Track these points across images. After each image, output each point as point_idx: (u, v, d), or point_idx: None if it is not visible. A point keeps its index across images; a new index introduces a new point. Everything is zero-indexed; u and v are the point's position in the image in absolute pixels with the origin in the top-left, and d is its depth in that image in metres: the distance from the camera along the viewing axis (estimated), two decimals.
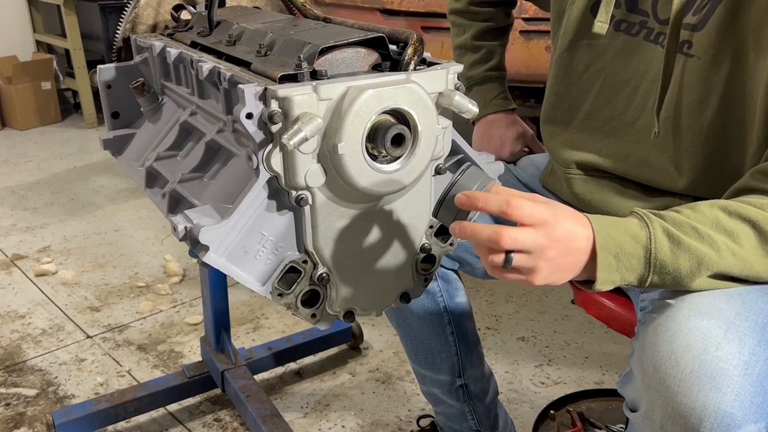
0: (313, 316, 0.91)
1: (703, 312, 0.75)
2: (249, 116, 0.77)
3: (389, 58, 0.86)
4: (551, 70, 1.14)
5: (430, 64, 0.87)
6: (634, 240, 0.75)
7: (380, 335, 2.01)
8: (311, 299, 0.91)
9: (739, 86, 0.89)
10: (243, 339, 2.00)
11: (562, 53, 1.10)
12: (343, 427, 1.66)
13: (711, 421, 0.69)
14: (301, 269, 0.88)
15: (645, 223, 0.76)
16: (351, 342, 1.93)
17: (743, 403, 0.70)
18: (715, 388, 0.70)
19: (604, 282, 0.76)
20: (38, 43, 4.43)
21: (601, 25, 1.01)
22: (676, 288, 0.78)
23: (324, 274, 0.89)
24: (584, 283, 0.80)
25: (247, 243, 0.84)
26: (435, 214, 0.82)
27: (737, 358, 0.72)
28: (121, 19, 1.21)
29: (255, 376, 1.65)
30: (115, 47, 1.23)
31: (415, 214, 0.92)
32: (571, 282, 0.81)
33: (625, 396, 0.82)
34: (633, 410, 0.79)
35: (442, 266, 1.22)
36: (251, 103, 0.77)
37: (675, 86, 0.95)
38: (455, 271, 1.26)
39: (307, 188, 0.82)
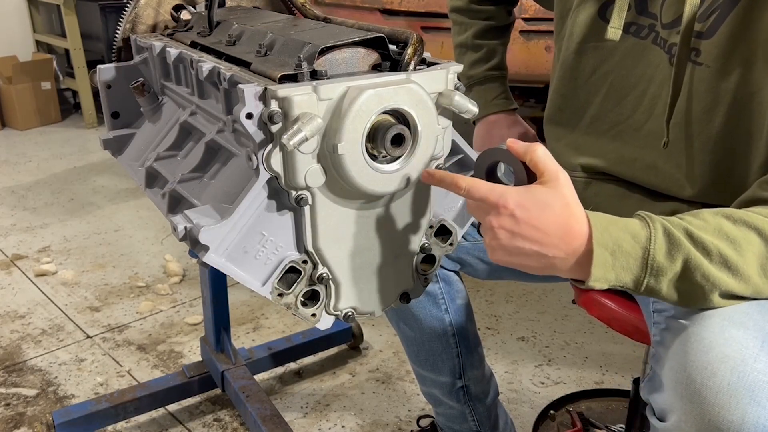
0: (313, 315, 0.91)
1: (738, 322, 0.73)
2: (249, 116, 0.77)
3: (389, 58, 0.86)
4: (556, 72, 1.12)
5: (430, 64, 0.87)
6: (633, 239, 0.74)
7: (380, 335, 2.01)
8: (311, 299, 0.91)
9: (748, 96, 0.88)
10: (243, 339, 2.00)
11: (569, 55, 1.08)
12: (343, 427, 1.66)
13: None
14: (301, 269, 0.88)
15: (647, 223, 0.75)
16: (351, 342, 1.93)
17: None
18: (755, 402, 0.68)
19: (598, 279, 0.74)
20: (38, 43, 4.43)
21: (614, 31, 0.99)
22: (671, 301, 0.76)
23: (324, 274, 0.89)
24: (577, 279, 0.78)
25: (247, 243, 0.84)
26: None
27: None
28: (121, 19, 1.21)
29: (255, 376, 1.65)
30: (115, 47, 1.23)
31: (416, 214, 0.92)
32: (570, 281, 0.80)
33: (652, 404, 0.79)
34: (661, 419, 0.76)
35: (443, 267, 1.22)
36: (251, 103, 0.77)
37: (683, 95, 0.94)
38: (456, 273, 1.26)
39: (307, 188, 0.82)
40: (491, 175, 0.83)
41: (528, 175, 0.78)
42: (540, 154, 0.76)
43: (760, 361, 0.70)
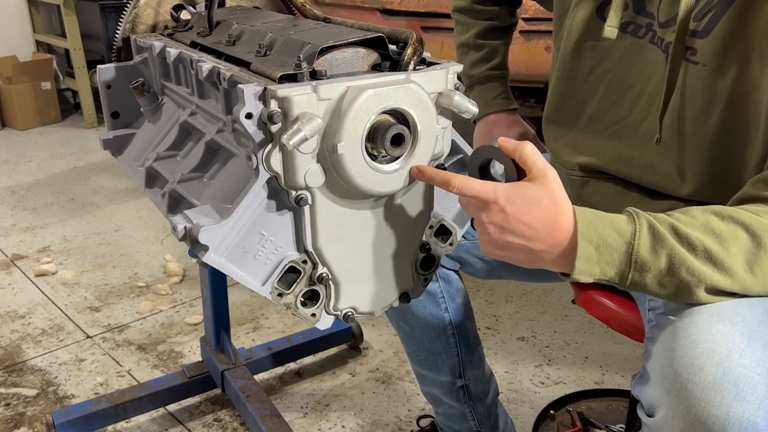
0: (313, 315, 0.91)
1: (726, 318, 0.74)
2: (248, 116, 0.77)
3: (389, 58, 0.86)
4: (555, 71, 1.12)
5: (430, 64, 0.87)
6: (618, 234, 0.75)
7: (380, 335, 2.01)
8: (311, 299, 0.91)
9: (744, 95, 0.88)
10: (243, 339, 2.00)
11: (567, 54, 1.08)
12: (343, 427, 1.66)
13: (734, 430, 0.68)
14: (300, 269, 0.88)
15: (633, 219, 0.76)
16: (351, 342, 1.93)
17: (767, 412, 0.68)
18: (739, 397, 0.68)
19: (582, 272, 0.76)
20: (38, 43, 4.43)
21: (611, 29, 0.99)
22: (658, 295, 0.77)
23: (323, 274, 0.89)
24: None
25: (246, 243, 0.84)
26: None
27: (762, 365, 0.70)
28: (121, 19, 1.21)
29: (255, 376, 1.65)
30: (115, 47, 1.23)
31: (415, 214, 0.92)
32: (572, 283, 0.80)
33: (641, 399, 0.79)
34: (649, 415, 0.77)
35: (442, 266, 1.22)
36: (251, 103, 0.77)
37: (678, 93, 0.94)
38: (456, 272, 1.26)
39: (307, 188, 0.82)
40: (484, 172, 0.85)
41: (518, 172, 0.81)
42: (528, 152, 0.78)
43: (746, 356, 0.70)
